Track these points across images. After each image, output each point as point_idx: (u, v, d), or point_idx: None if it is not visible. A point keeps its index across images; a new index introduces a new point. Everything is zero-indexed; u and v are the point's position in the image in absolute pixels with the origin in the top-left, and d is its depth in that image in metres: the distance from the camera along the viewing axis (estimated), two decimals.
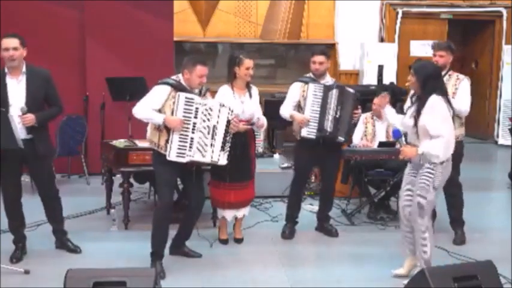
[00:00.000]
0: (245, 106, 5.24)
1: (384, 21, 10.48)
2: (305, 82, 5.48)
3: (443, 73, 5.37)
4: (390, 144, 6.18)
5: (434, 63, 5.13)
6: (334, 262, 5.16)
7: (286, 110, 5.51)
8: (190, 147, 4.64)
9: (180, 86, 4.70)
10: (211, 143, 4.72)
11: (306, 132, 5.40)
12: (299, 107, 5.49)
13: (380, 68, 9.96)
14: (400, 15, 10.47)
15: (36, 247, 5.12)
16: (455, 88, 5.31)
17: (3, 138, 4.51)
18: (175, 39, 8.51)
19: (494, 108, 10.93)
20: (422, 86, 4.47)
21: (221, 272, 4.87)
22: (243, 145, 5.25)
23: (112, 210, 5.98)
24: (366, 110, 6.54)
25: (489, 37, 11.09)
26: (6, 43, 4.75)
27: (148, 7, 7.83)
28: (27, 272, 4.65)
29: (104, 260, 4.85)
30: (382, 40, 10.50)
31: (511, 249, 5.22)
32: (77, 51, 7.78)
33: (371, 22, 10.45)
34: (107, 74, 7.42)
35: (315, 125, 5.38)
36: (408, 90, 4.76)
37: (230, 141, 4.83)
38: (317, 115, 5.37)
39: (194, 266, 4.94)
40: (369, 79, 9.91)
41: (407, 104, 4.81)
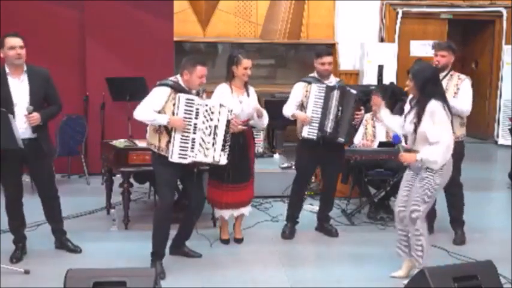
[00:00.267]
0: (243, 105, 5.23)
1: (384, 21, 10.48)
2: (308, 82, 5.48)
3: (444, 73, 5.38)
4: (390, 144, 6.18)
5: (432, 65, 5.07)
6: (334, 262, 5.16)
7: (289, 110, 5.52)
8: (192, 148, 4.64)
9: (179, 87, 4.69)
10: (212, 143, 4.73)
11: (307, 132, 5.40)
12: (302, 107, 5.49)
13: (380, 68, 9.96)
14: (400, 15, 10.47)
15: (36, 247, 5.12)
16: (456, 88, 5.31)
17: (3, 138, 4.51)
18: (175, 39, 8.52)
19: (494, 108, 10.93)
20: (421, 91, 4.46)
21: (221, 272, 4.87)
22: (243, 145, 5.26)
23: (112, 210, 5.98)
24: (366, 111, 6.53)
25: (489, 37, 11.09)
26: (12, 42, 4.75)
27: (148, 7, 7.83)
28: (27, 272, 4.65)
29: (104, 260, 4.85)
30: (382, 40, 10.50)
31: (511, 249, 5.22)
32: (77, 51, 7.78)
33: (371, 22, 10.45)
34: (107, 74, 7.42)
35: (316, 126, 5.38)
36: (408, 92, 4.73)
37: (229, 141, 4.84)
38: (318, 115, 5.38)
39: (194, 266, 4.94)
40: (369, 79, 9.91)
41: (407, 107, 4.79)
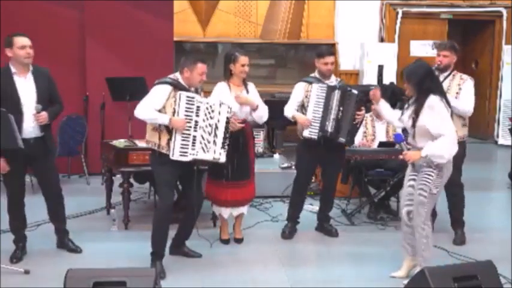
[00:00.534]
0: None
1: (384, 21, 10.48)
2: (309, 82, 5.48)
3: (447, 73, 5.38)
4: (390, 144, 6.18)
5: (424, 62, 5.01)
6: (334, 262, 5.16)
7: (289, 111, 5.50)
8: (193, 145, 4.65)
9: (179, 85, 4.70)
10: (213, 140, 4.73)
11: (308, 132, 5.40)
12: (303, 107, 5.49)
13: (380, 68, 9.95)
14: (400, 15, 10.47)
15: (36, 247, 5.12)
16: (458, 88, 5.30)
17: (3, 138, 4.50)
18: (175, 39, 8.52)
19: (494, 108, 10.92)
20: (417, 90, 4.46)
21: (221, 272, 4.87)
22: (242, 144, 5.25)
23: (112, 210, 5.97)
24: (366, 111, 6.53)
25: (489, 37, 11.09)
26: (23, 41, 4.79)
27: (148, 7, 7.83)
28: (27, 272, 4.65)
29: (104, 260, 4.85)
30: (382, 40, 10.50)
31: (511, 249, 5.22)
32: (77, 51, 7.78)
33: (371, 22, 10.45)
34: (107, 74, 7.42)
35: (317, 126, 5.38)
36: (408, 94, 4.72)
37: (229, 138, 4.84)
38: (319, 115, 5.37)
39: (194, 266, 4.94)
40: (369, 79, 9.91)
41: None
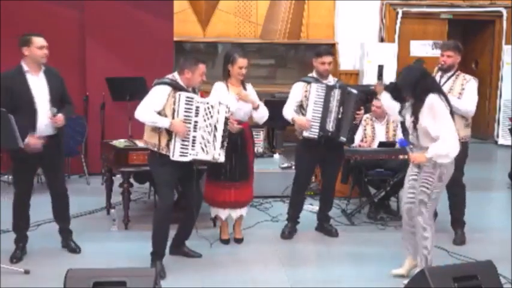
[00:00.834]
0: (240, 102, 5.22)
1: (384, 21, 10.48)
2: (307, 82, 5.47)
3: (450, 73, 5.38)
4: (390, 144, 6.18)
5: (411, 65, 4.99)
6: (334, 262, 5.16)
7: (288, 112, 5.48)
8: (193, 145, 4.64)
9: (178, 85, 4.70)
10: (212, 140, 4.73)
11: (308, 132, 5.39)
12: (301, 107, 5.48)
13: (380, 68, 9.93)
14: (400, 15, 10.46)
15: (36, 247, 5.12)
16: (461, 88, 5.30)
17: (3, 138, 4.50)
18: (175, 39, 8.52)
19: (494, 108, 10.92)
20: (415, 95, 4.44)
21: (221, 272, 4.87)
22: (240, 145, 5.25)
23: (112, 210, 5.97)
24: (366, 111, 6.53)
25: (489, 37, 11.08)
26: (41, 42, 4.83)
27: (148, 7, 7.83)
28: (27, 272, 4.65)
29: (104, 260, 4.86)
30: (382, 40, 10.49)
31: (511, 249, 5.22)
32: (77, 51, 7.77)
33: (371, 22, 10.44)
34: (107, 74, 7.41)
35: (317, 125, 5.37)
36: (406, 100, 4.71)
37: (227, 138, 4.83)
38: (319, 115, 5.36)
39: (194, 266, 4.94)
40: (369, 79, 9.90)
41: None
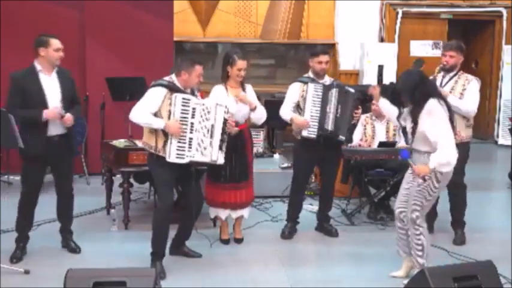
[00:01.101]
0: (239, 104, 5.22)
1: (384, 21, 10.48)
2: (304, 82, 5.47)
3: (452, 74, 5.37)
4: (390, 144, 6.18)
5: (408, 70, 4.91)
6: (334, 262, 5.16)
7: (286, 112, 5.49)
8: (189, 147, 4.63)
9: (175, 87, 4.69)
10: (210, 142, 4.71)
11: (307, 132, 5.39)
12: (298, 107, 5.48)
13: (380, 68, 9.95)
14: (400, 15, 10.46)
15: (36, 247, 5.12)
16: (463, 89, 5.29)
17: (3, 138, 4.51)
18: (175, 39, 8.52)
19: (494, 108, 10.92)
20: (414, 102, 4.43)
21: (221, 272, 4.87)
22: (240, 146, 5.25)
23: (112, 210, 5.98)
24: (366, 111, 6.53)
25: (489, 37, 11.08)
26: (58, 44, 4.95)
27: (148, 7, 7.83)
28: (27, 272, 4.65)
29: (104, 260, 4.86)
30: (382, 40, 10.49)
31: (511, 249, 5.22)
32: (77, 51, 7.76)
33: (371, 22, 10.44)
34: (107, 74, 7.42)
35: (316, 125, 5.37)
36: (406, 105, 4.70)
37: (226, 140, 4.82)
38: (317, 115, 5.37)
39: (194, 266, 4.94)
40: (369, 79, 9.89)
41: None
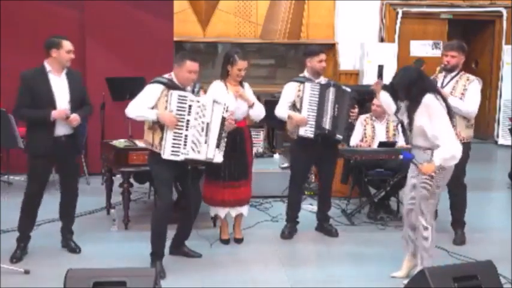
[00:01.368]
0: (239, 101, 5.22)
1: (384, 21, 10.48)
2: (300, 82, 5.47)
3: (454, 74, 5.36)
4: (390, 144, 6.18)
5: (403, 68, 4.91)
6: (334, 262, 5.16)
7: (282, 111, 5.49)
8: (184, 144, 4.61)
9: (173, 84, 4.68)
10: (205, 140, 4.68)
11: (304, 131, 5.39)
12: (294, 107, 5.48)
13: (380, 68, 9.88)
14: (400, 15, 10.46)
15: (36, 247, 5.12)
16: (463, 89, 5.29)
17: (3, 138, 4.51)
18: (175, 39, 8.51)
19: (494, 108, 10.91)
20: (411, 98, 4.43)
21: (221, 272, 4.87)
22: (239, 144, 5.25)
23: (112, 210, 5.98)
24: (366, 111, 6.54)
25: (489, 37, 11.08)
26: (70, 46, 4.97)
27: (148, 7, 7.83)
28: (27, 272, 4.65)
29: (104, 260, 4.86)
30: (382, 40, 10.49)
31: (511, 249, 5.22)
32: (77, 51, 7.64)
33: (371, 22, 10.44)
34: (107, 74, 7.41)
35: (313, 124, 5.38)
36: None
37: (225, 138, 4.81)
38: (315, 114, 5.37)
39: (194, 266, 4.94)
40: (369, 79, 9.88)
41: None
